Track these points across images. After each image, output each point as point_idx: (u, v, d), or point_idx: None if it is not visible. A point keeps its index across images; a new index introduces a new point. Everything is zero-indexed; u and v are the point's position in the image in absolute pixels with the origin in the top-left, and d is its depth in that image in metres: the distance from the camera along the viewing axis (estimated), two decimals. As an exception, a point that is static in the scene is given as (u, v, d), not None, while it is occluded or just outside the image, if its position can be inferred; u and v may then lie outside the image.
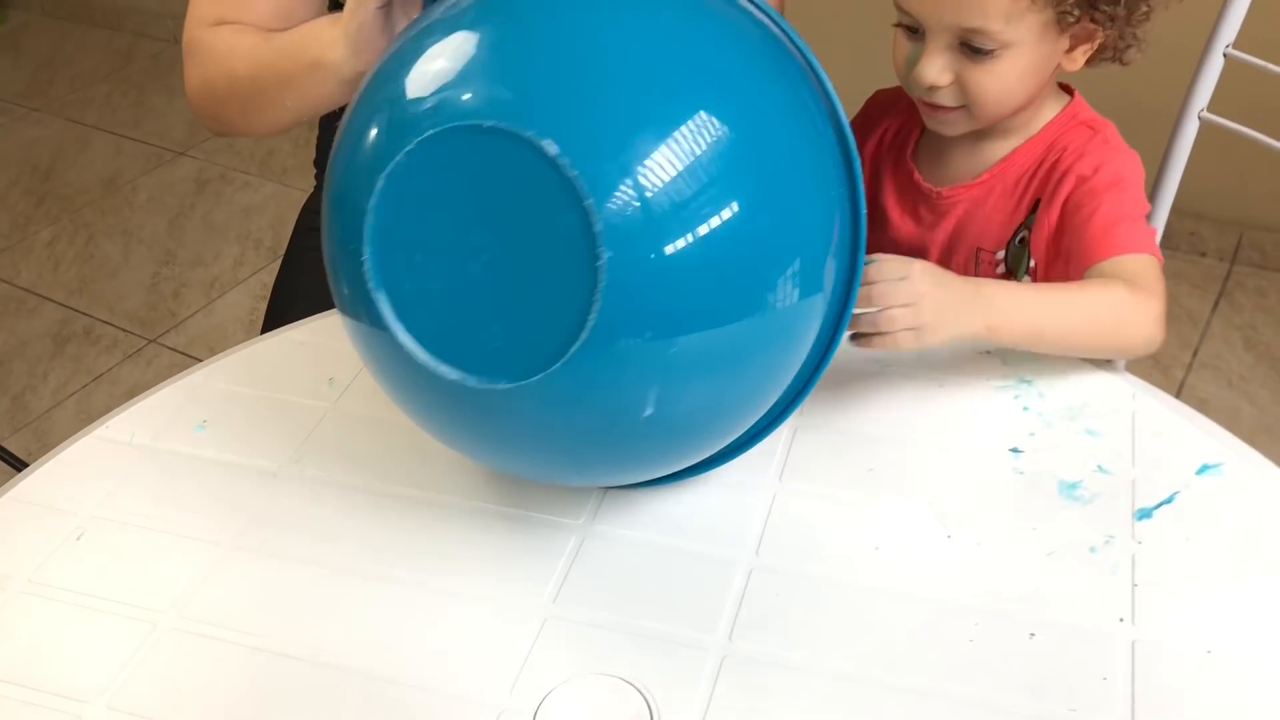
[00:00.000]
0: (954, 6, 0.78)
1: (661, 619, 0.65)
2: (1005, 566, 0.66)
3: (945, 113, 0.84)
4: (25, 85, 2.99)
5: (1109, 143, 0.85)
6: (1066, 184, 0.84)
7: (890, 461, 0.73)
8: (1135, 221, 0.81)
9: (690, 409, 0.58)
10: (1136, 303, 0.76)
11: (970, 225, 0.90)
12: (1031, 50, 0.80)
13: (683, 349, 0.53)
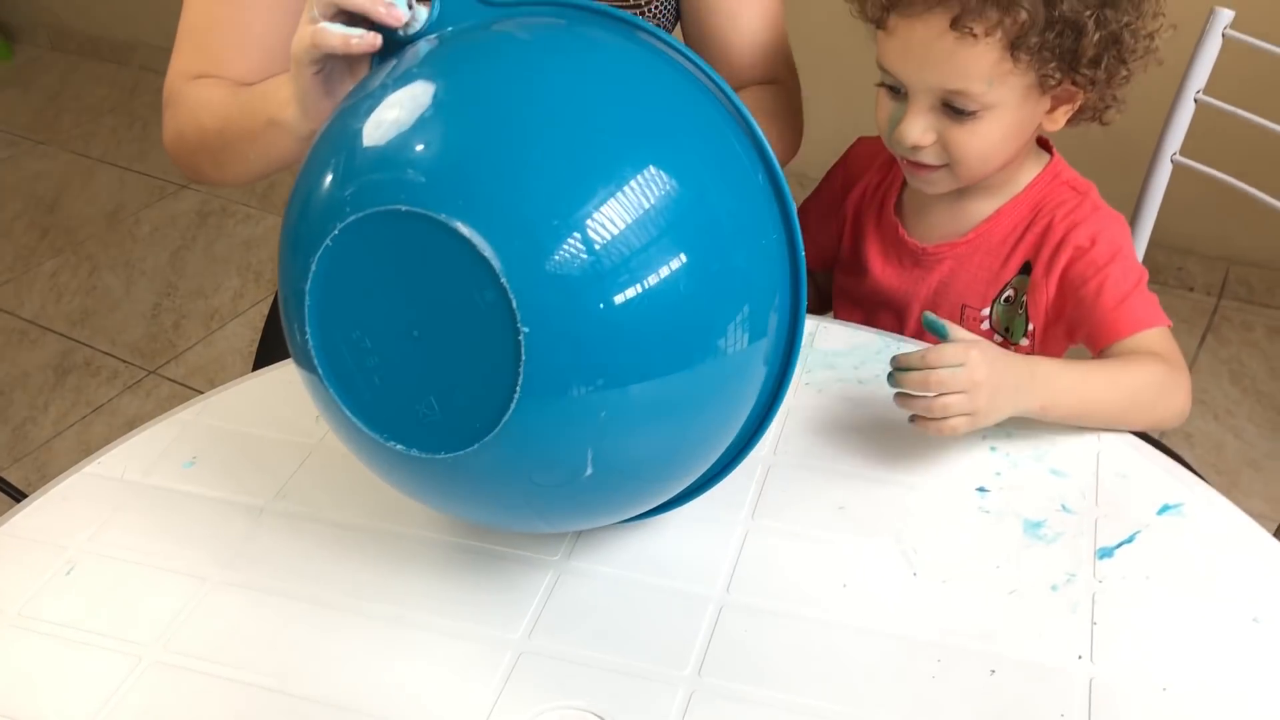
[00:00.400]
0: (936, 69, 0.79)
1: (633, 654, 0.67)
2: (968, 604, 0.68)
3: (928, 171, 0.85)
4: (32, 118, 3.04)
5: (1098, 209, 0.87)
6: (1064, 254, 0.86)
7: (860, 500, 0.75)
8: (1143, 293, 0.83)
9: (635, 461, 0.60)
10: (1172, 379, 0.79)
11: (955, 282, 0.92)
12: (1013, 112, 0.81)
13: (615, 407, 0.55)
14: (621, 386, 0.54)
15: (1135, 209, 1.13)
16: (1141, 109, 1.32)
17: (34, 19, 3.39)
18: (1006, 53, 0.77)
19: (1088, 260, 0.84)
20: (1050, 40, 0.77)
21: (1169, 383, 0.79)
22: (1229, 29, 1.02)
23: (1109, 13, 0.77)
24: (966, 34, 0.76)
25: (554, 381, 0.54)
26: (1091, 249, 0.84)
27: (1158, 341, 0.81)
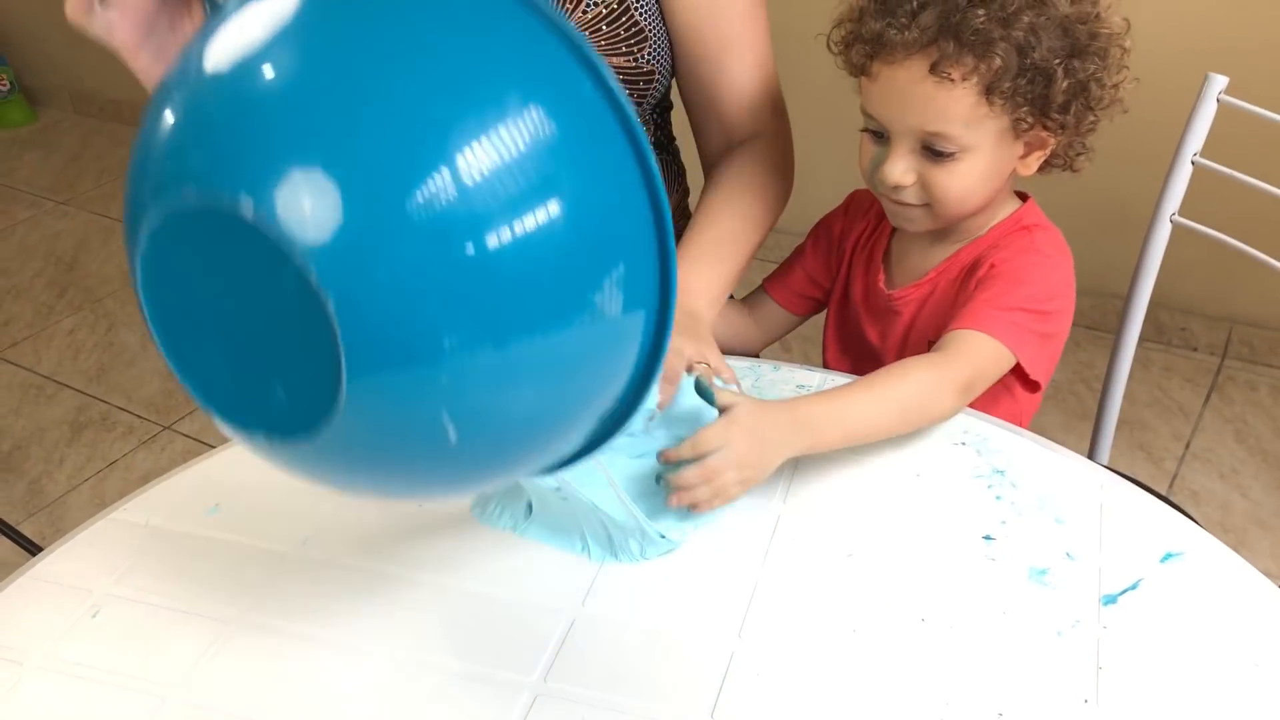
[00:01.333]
0: (918, 112, 0.83)
1: (647, 698, 0.68)
2: (975, 649, 0.69)
3: (909, 209, 0.89)
4: (54, 179, 3.10)
5: (1034, 245, 0.90)
6: (979, 273, 0.90)
7: (869, 548, 0.77)
8: (1005, 310, 0.85)
9: (498, 425, 0.55)
10: (936, 377, 0.82)
11: (919, 322, 0.97)
12: (989, 154, 0.85)
13: (452, 374, 0.51)
14: (456, 351, 0.50)
15: (1135, 269, 1.16)
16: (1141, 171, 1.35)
17: (57, 83, 3.47)
18: (982, 97, 0.81)
19: (989, 273, 0.88)
20: (1022, 86, 0.81)
21: (934, 382, 0.82)
22: (1223, 94, 1.05)
23: (1076, 63, 0.82)
24: (944, 79, 0.80)
25: (381, 349, 0.49)
26: (999, 265, 0.88)
27: (978, 348, 0.83)
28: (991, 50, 0.79)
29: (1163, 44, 1.75)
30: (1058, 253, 0.91)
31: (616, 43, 0.98)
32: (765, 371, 0.95)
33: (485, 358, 0.50)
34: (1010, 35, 0.80)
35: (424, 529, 0.82)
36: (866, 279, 1.01)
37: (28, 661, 0.74)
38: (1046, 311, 0.87)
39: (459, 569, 0.78)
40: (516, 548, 0.79)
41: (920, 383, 0.82)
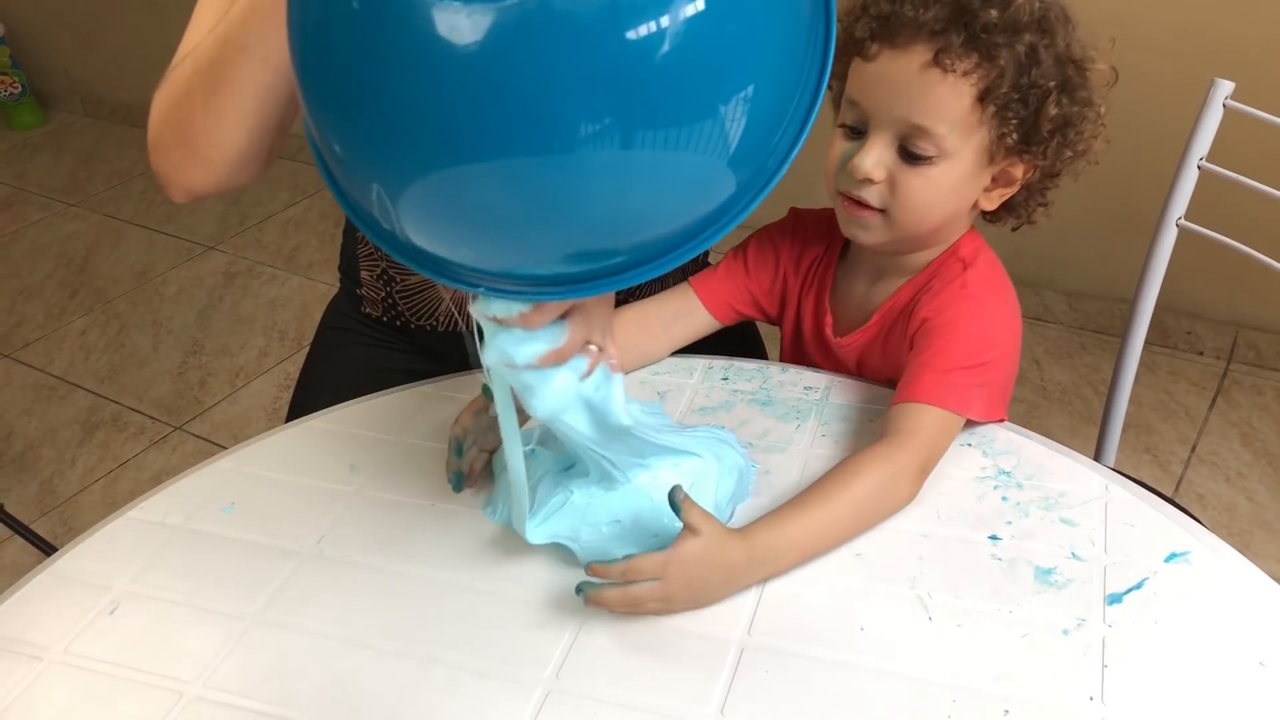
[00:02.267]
0: (908, 102, 0.81)
1: (657, 694, 0.69)
2: (982, 647, 0.70)
3: (867, 214, 0.85)
4: (65, 182, 3.12)
5: (966, 286, 0.87)
6: (914, 323, 0.88)
7: (876, 547, 0.78)
8: (946, 372, 0.82)
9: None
10: (890, 471, 0.79)
11: (868, 363, 0.95)
12: (962, 168, 0.83)
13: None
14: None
15: (1142, 273, 1.17)
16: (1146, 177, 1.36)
17: (68, 86, 3.49)
18: (977, 101, 0.80)
19: (924, 329, 0.86)
20: (1015, 100, 0.80)
21: (887, 478, 0.79)
22: (1229, 99, 1.06)
23: (1066, 99, 0.82)
24: (946, 70, 0.79)
25: None
26: (933, 318, 0.86)
27: (913, 419, 0.81)
28: (996, 53, 0.79)
29: (1168, 48, 1.76)
30: (991, 294, 0.87)
31: None
32: (774, 374, 0.96)
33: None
34: (1014, 46, 0.80)
35: (438, 528, 0.83)
36: (814, 321, 0.98)
37: (47, 657, 0.75)
38: (984, 363, 0.84)
39: (472, 568, 0.79)
40: (528, 548, 0.80)
41: (874, 482, 0.78)
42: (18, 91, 3.40)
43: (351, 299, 1.15)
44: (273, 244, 2.73)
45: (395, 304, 1.10)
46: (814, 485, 0.79)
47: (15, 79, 3.38)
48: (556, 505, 0.79)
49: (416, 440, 0.92)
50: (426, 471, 0.88)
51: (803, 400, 0.92)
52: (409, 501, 0.86)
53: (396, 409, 0.96)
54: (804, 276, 0.98)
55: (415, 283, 1.08)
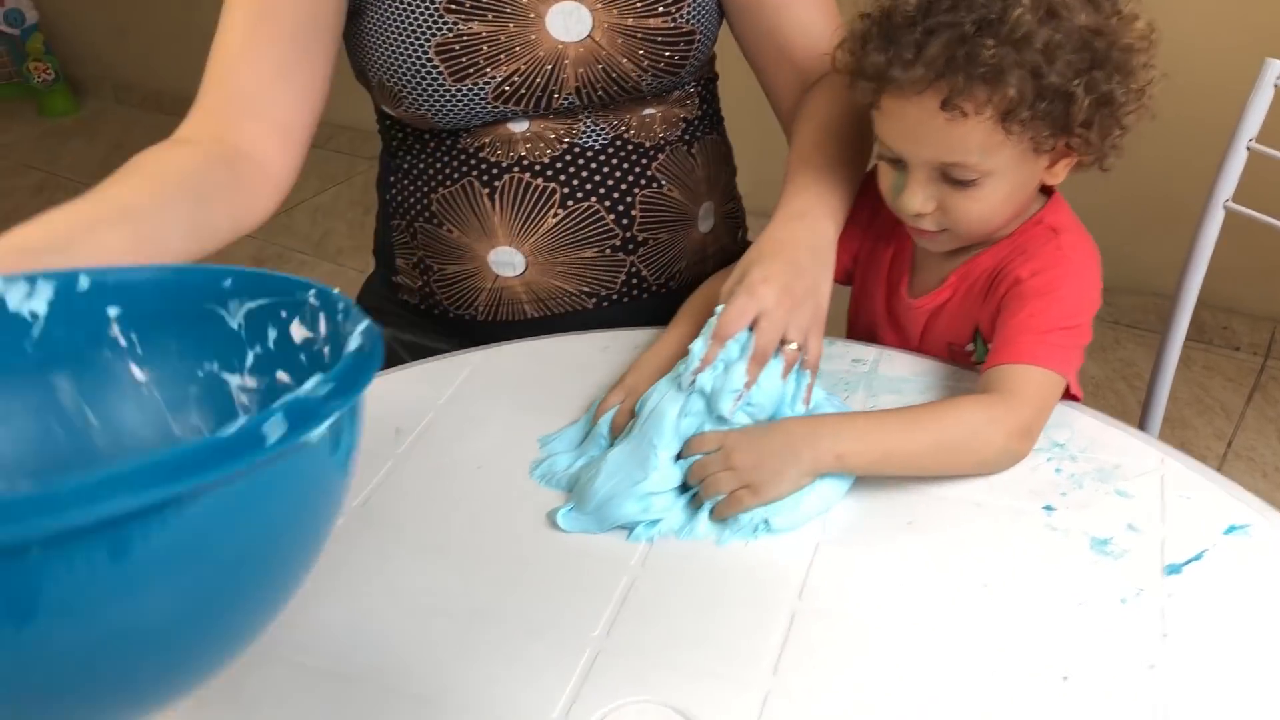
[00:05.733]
0: (932, 144, 0.80)
1: (708, 654, 0.68)
2: (1039, 614, 0.69)
3: (931, 236, 0.87)
4: (98, 167, 3.12)
5: (1061, 248, 0.86)
6: (1004, 285, 0.86)
7: (928, 516, 0.77)
8: (1046, 333, 0.81)
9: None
10: (989, 418, 0.78)
11: (937, 325, 0.94)
12: (1011, 175, 0.81)
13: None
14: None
15: (1186, 260, 1.15)
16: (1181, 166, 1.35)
17: (99, 74, 3.52)
18: (998, 125, 0.78)
19: (1018, 291, 0.85)
20: (1041, 110, 0.77)
21: (985, 423, 0.78)
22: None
23: (1097, 75, 0.77)
24: (956, 114, 0.77)
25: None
26: (1027, 280, 0.85)
27: (1017, 379, 0.79)
28: (1004, 80, 0.76)
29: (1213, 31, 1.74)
30: (1085, 258, 0.87)
31: (653, 3, 0.96)
32: (820, 345, 0.95)
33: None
34: (1024, 60, 0.76)
35: (484, 491, 0.83)
36: (889, 282, 0.97)
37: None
38: (1080, 325, 0.84)
39: (519, 530, 0.79)
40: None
41: (965, 421, 0.78)
42: (50, 78, 3.42)
43: (387, 283, 1.15)
44: (302, 230, 2.74)
45: (433, 292, 1.09)
46: (903, 407, 0.79)
47: (48, 65, 3.41)
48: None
49: (462, 406, 0.92)
50: (471, 436, 0.88)
51: (851, 372, 0.92)
52: (455, 465, 0.86)
53: (441, 376, 0.96)
54: (882, 236, 0.97)
55: (454, 271, 1.07)
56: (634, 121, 1.01)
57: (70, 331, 0.58)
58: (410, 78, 0.95)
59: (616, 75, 0.97)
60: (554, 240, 1.01)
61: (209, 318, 0.58)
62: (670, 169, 1.03)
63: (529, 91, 0.97)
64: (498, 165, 1.00)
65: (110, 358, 0.59)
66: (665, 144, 1.03)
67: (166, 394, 0.60)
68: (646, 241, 1.03)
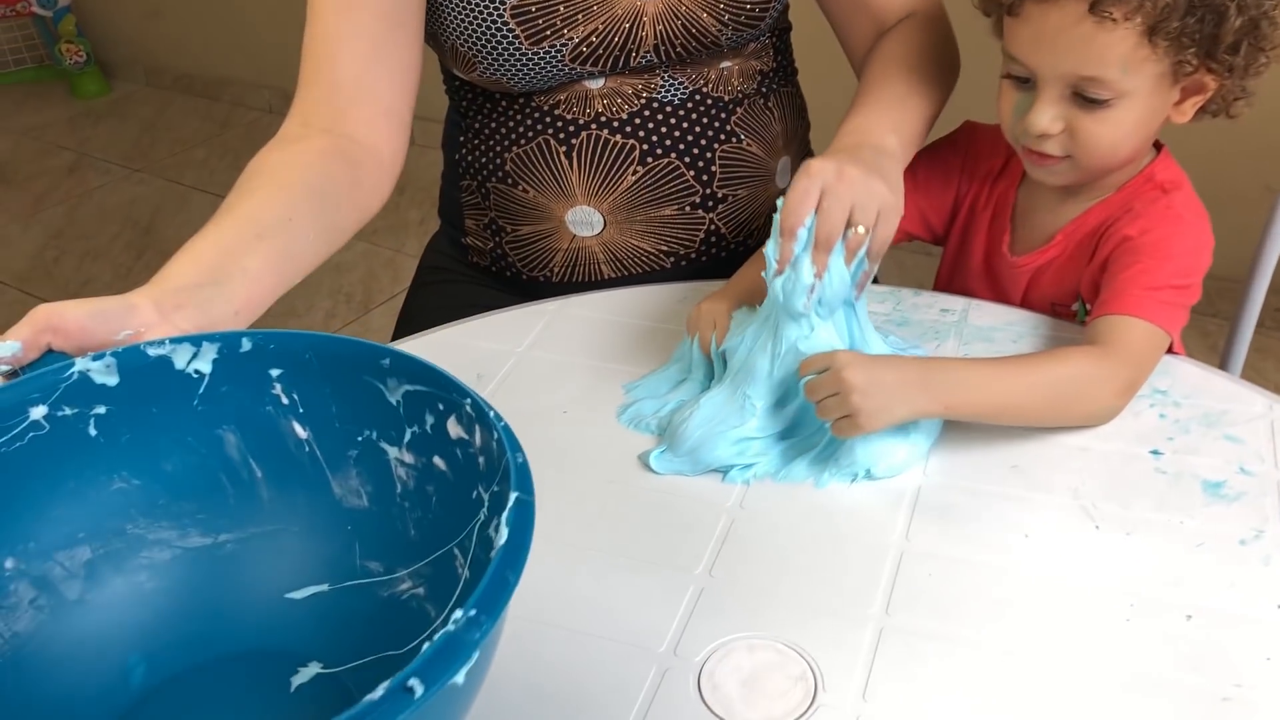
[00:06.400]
0: (1071, 56, 0.77)
1: (816, 590, 0.67)
2: (1155, 556, 0.67)
3: (1052, 162, 0.83)
4: (128, 148, 3.14)
5: (1173, 206, 0.84)
6: (1111, 243, 0.84)
7: (1032, 460, 0.75)
8: (1157, 290, 0.79)
9: None
10: (1098, 372, 0.76)
11: (1042, 283, 0.91)
12: (1145, 101, 0.79)
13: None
14: None
15: (1261, 237, 1.10)
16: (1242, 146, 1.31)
17: (131, 56, 3.52)
18: (1144, 38, 0.75)
19: (1128, 246, 0.82)
20: (1190, 25, 0.74)
21: (1094, 377, 0.76)
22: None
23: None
24: (1105, 18, 0.74)
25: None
26: (1137, 238, 0.82)
27: (1133, 333, 0.77)
28: None
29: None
30: (1197, 217, 0.84)
31: None
32: (906, 296, 0.93)
33: None
34: None
35: (573, 434, 0.81)
36: (989, 239, 0.94)
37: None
38: (1190, 285, 0.81)
39: (611, 470, 0.77)
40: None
41: (1075, 375, 0.76)
42: (82, 60, 3.42)
43: (455, 244, 1.13)
44: (336, 211, 2.73)
45: (505, 254, 1.07)
46: (1012, 356, 0.77)
47: (80, 47, 3.40)
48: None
49: (543, 353, 0.90)
50: (554, 383, 0.87)
51: (940, 321, 0.90)
52: (540, 410, 0.84)
53: (519, 325, 0.94)
54: (980, 192, 0.94)
55: (528, 232, 1.04)
56: (712, 75, 0.99)
57: (235, 389, 0.61)
58: (485, 42, 0.93)
59: (696, 30, 0.95)
60: (633, 198, 0.99)
61: (369, 389, 0.59)
62: (748, 123, 1.02)
63: (606, 52, 0.95)
64: (574, 123, 0.98)
65: (273, 414, 0.61)
66: (743, 97, 1.01)
67: (327, 453, 0.62)
68: (726, 198, 1.01)
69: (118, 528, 0.61)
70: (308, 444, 0.62)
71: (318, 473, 0.62)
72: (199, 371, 0.60)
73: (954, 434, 0.78)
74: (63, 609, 0.59)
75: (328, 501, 0.63)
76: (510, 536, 0.49)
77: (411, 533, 0.61)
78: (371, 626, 0.61)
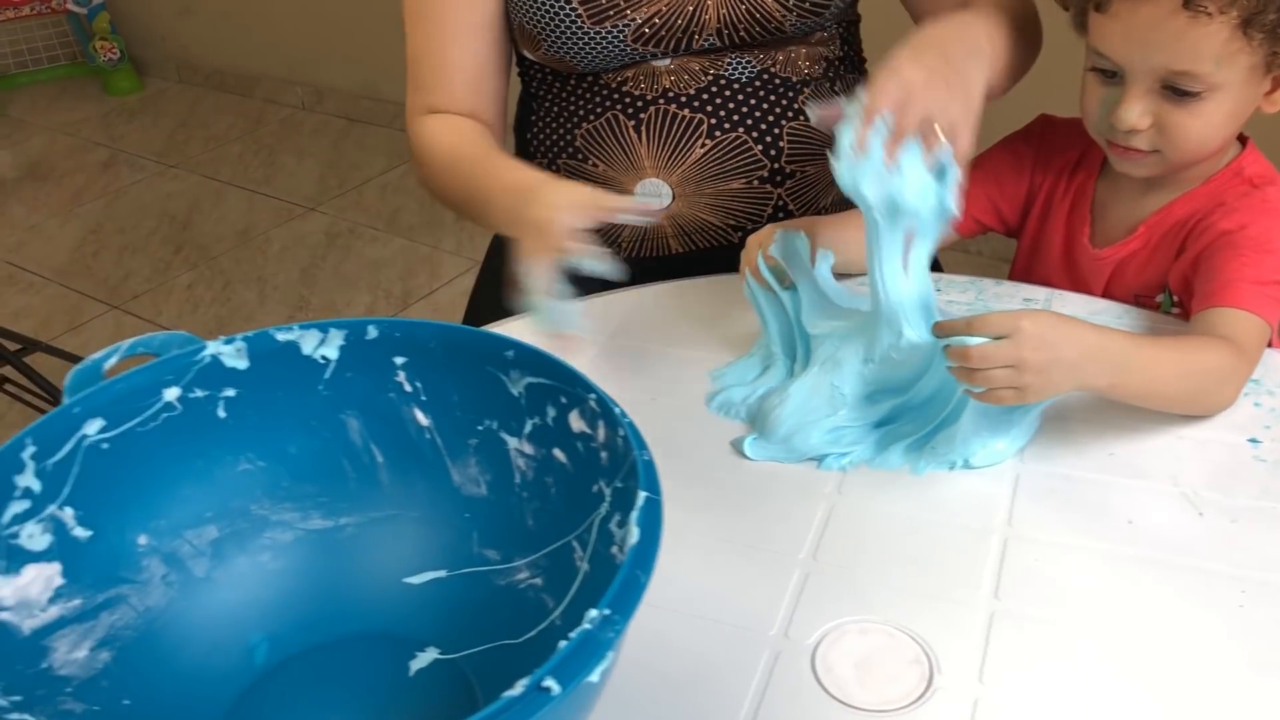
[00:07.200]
0: (1163, 50, 0.77)
1: (924, 577, 0.67)
2: (1264, 542, 0.68)
3: (1139, 156, 0.83)
4: (163, 144, 3.15)
5: (1269, 200, 0.83)
6: (1205, 237, 0.84)
7: (1130, 447, 0.75)
8: (1263, 285, 0.79)
9: None
10: (1234, 367, 0.76)
11: (1125, 275, 0.91)
12: (1237, 93, 0.78)
13: None
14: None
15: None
16: None
17: (163, 53, 3.54)
18: (1239, 31, 0.74)
19: (1227, 240, 0.82)
20: None
21: (1232, 371, 0.76)
22: None
23: None
24: (1200, 13, 0.74)
25: None
26: (1236, 232, 0.82)
27: (1247, 327, 0.77)
28: None
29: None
30: None
31: None
32: (987, 286, 0.94)
33: None
34: None
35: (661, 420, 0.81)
36: (1068, 231, 0.94)
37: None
38: None
39: (705, 456, 0.78)
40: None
41: (1223, 364, 0.76)
42: (116, 57, 3.44)
43: None
44: (372, 206, 2.74)
45: None
46: (1166, 337, 0.76)
47: (114, 45, 3.42)
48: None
49: (625, 341, 0.91)
50: (639, 370, 0.87)
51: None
52: (628, 397, 0.83)
53: (598, 313, 0.95)
54: (1057, 185, 0.94)
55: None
56: (779, 56, 1.00)
57: (359, 375, 0.62)
58: (549, 20, 0.95)
59: (760, 15, 0.96)
60: (701, 170, 1.00)
61: (491, 380, 0.61)
62: (817, 103, 1.02)
63: (669, 34, 0.96)
64: (642, 98, 0.99)
65: (395, 401, 0.63)
66: (810, 79, 1.02)
67: (447, 441, 0.63)
68: (794, 174, 1.02)
69: (242, 508, 0.62)
70: (428, 431, 0.63)
71: (437, 460, 0.63)
72: (325, 357, 0.61)
73: (1048, 421, 0.78)
74: (191, 586, 0.60)
75: (446, 489, 0.63)
76: (641, 537, 0.50)
77: (529, 523, 0.62)
78: (488, 614, 0.62)
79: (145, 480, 0.59)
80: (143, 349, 0.61)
